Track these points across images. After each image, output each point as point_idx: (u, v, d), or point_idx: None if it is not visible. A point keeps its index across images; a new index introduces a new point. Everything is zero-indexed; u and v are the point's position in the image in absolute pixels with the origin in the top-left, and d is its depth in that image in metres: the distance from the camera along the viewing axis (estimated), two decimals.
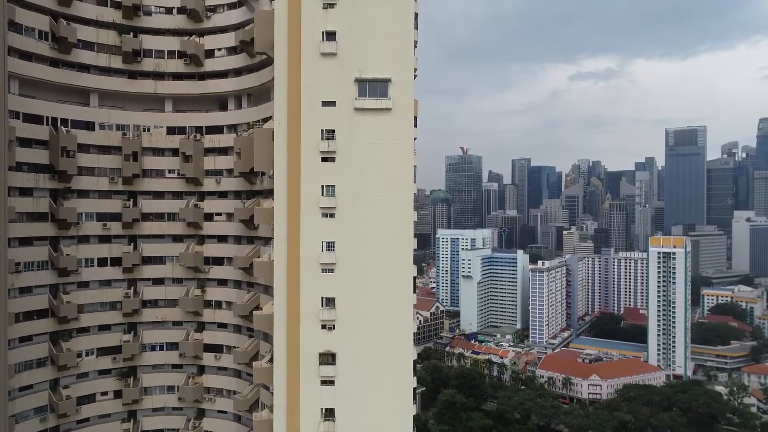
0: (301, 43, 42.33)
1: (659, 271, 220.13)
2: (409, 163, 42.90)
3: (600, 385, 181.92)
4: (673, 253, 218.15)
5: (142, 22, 54.24)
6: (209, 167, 55.65)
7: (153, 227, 55.61)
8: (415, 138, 43.52)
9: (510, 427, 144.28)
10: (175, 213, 55.66)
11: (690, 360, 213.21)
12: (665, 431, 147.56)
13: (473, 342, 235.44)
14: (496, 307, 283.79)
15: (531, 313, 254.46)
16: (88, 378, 53.15)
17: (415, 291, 44.32)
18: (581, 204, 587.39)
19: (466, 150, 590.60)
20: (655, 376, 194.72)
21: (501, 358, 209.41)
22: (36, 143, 49.69)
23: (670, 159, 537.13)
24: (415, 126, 43.30)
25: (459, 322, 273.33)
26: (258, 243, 52.89)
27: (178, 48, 54.44)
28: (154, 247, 55.70)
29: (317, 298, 42.44)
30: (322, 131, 42.25)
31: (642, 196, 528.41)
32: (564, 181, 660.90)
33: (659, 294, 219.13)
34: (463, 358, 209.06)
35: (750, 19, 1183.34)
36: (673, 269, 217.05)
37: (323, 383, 42.53)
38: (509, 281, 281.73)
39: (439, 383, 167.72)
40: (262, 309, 48.08)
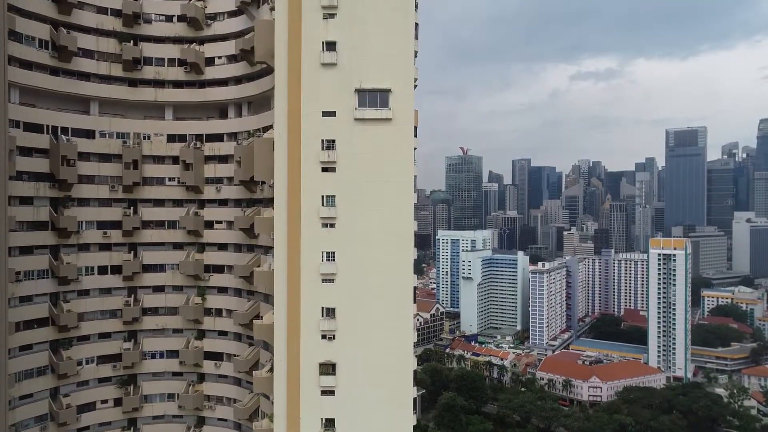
0: (302, 53, 42.31)
1: (659, 273, 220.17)
2: (410, 174, 42.87)
3: (600, 387, 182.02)
4: (674, 255, 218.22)
5: (142, 30, 54.23)
6: (209, 175, 55.68)
7: (153, 235, 55.63)
8: (416, 148, 43.49)
9: (510, 430, 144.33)
10: (176, 221, 55.70)
11: (690, 362, 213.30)
12: None
13: (473, 344, 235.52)
14: (496, 309, 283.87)
15: (531, 315, 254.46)
16: (88, 386, 53.16)
17: (415, 301, 44.28)
18: (581, 204, 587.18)
19: (466, 150, 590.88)
20: (656, 378, 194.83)
21: (501, 359, 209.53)
22: (36, 152, 49.69)
23: (670, 159, 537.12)
24: (416, 136, 43.27)
25: (459, 323, 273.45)
26: (258, 251, 52.92)
27: (178, 56, 54.45)
28: (154, 255, 55.71)
29: (317, 308, 42.44)
30: (322, 141, 42.24)
31: (642, 196, 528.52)
32: (564, 182, 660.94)
33: (659, 296, 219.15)
34: (463, 359, 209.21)
35: (750, 19, 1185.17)
36: (674, 271, 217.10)
37: (323, 393, 42.54)
38: (509, 283, 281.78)
39: (439, 385, 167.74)
40: (262, 318, 48.07)
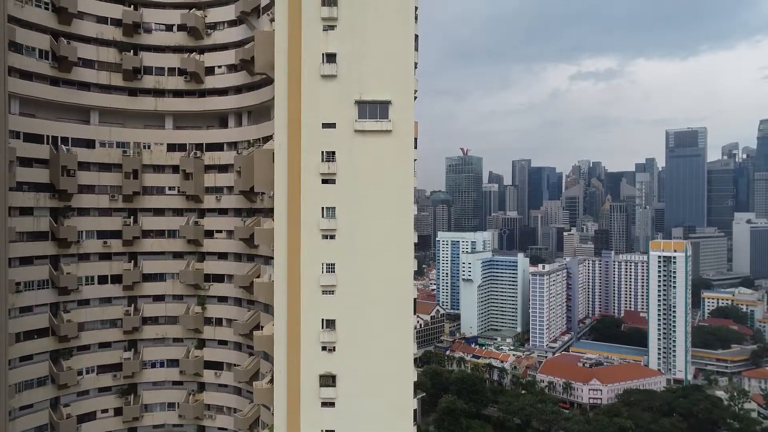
0: (301, 65, 42.36)
1: (660, 275, 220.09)
2: (410, 185, 42.89)
3: (600, 390, 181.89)
4: (674, 257, 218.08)
5: (142, 39, 54.28)
6: (209, 184, 55.71)
7: (153, 244, 55.67)
8: (415, 159, 43.50)
9: None
10: (176, 230, 55.73)
11: (690, 364, 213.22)
12: None
13: (473, 346, 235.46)
14: (496, 311, 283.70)
15: (531, 317, 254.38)
16: (88, 396, 53.21)
17: (415, 312, 44.31)
18: (581, 205, 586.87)
19: (466, 151, 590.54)
20: (656, 380, 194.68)
21: (501, 362, 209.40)
22: (36, 162, 49.76)
23: (670, 160, 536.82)
24: (416, 147, 43.29)
25: (459, 325, 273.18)
26: (258, 261, 52.92)
27: (178, 65, 54.51)
28: (154, 265, 55.75)
29: (317, 319, 42.46)
30: (322, 153, 42.26)
31: (642, 197, 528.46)
32: (564, 182, 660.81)
33: (660, 298, 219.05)
34: (464, 362, 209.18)
35: (751, 19, 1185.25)
36: (674, 273, 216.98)
37: (324, 405, 42.56)
38: (510, 284, 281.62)
39: (440, 388, 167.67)
40: (262, 328, 48.11)
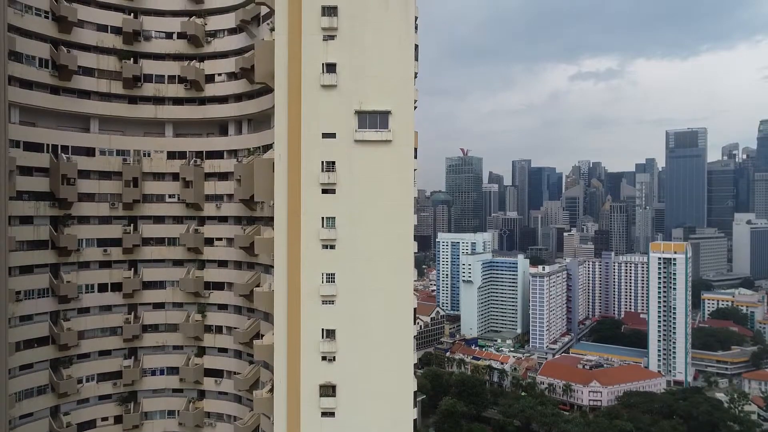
0: (301, 75, 42.30)
1: (660, 277, 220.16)
2: (410, 195, 42.87)
3: (600, 392, 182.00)
4: (674, 259, 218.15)
5: (142, 47, 54.26)
6: (209, 192, 55.68)
7: (153, 252, 55.64)
8: (416, 169, 43.48)
9: None
10: (176, 238, 55.67)
11: (691, 366, 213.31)
12: None
13: (474, 347, 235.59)
14: (496, 312, 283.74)
15: (531, 318, 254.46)
16: (88, 404, 53.16)
17: (416, 322, 44.31)
18: (582, 205, 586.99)
19: (466, 151, 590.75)
20: (656, 382, 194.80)
21: (501, 363, 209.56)
22: (37, 171, 49.70)
23: (670, 161, 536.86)
24: (415, 157, 43.27)
25: (459, 326, 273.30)
26: (258, 269, 52.90)
27: (178, 73, 54.48)
28: (154, 272, 55.72)
29: (317, 329, 42.43)
30: (322, 163, 42.23)
31: (642, 197, 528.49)
32: (564, 183, 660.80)
33: (660, 300, 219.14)
34: (464, 363, 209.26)
35: (751, 19, 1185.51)
36: (674, 275, 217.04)
37: (324, 415, 42.52)
38: (510, 286, 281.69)
39: (440, 390, 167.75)
40: (262, 337, 48.11)
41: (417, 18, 43.24)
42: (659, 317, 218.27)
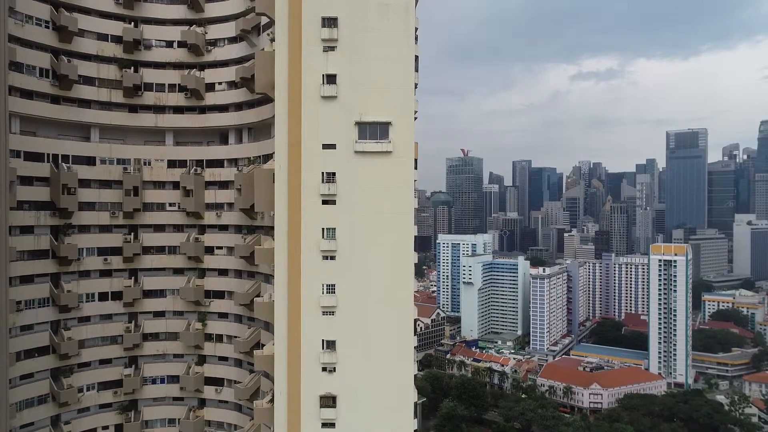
0: (302, 86, 42.27)
1: (660, 279, 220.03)
2: (410, 206, 42.85)
3: (601, 394, 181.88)
4: (674, 261, 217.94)
5: (142, 56, 54.33)
6: (210, 201, 55.73)
7: (154, 261, 55.70)
8: (416, 180, 43.48)
9: None
10: (176, 246, 55.74)
11: (691, 368, 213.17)
12: None
13: (474, 349, 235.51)
14: (497, 314, 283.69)
15: (532, 320, 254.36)
16: (89, 413, 53.25)
17: (416, 333, 44.33)
18: (582, 206, 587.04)
19: (466, 152, 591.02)
20: (656, 384, 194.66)
21: (502, 365, 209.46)
22: (37, 181, 49.80)
23: (670, 161, 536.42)
24: (416, 168, 43.27)
25: (460, 328, 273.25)
26: (259, 278, 52.92)
27: (178, 82, 54.57)
28: (154, 281, 55.79)
29: (318, 340, 42.42)
30: (322, 174, 42.21)
31: (643, 198, 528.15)
32: (565, 183, 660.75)
33: (660, 302, 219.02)
34: (464, 365, 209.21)
35: (752, 19, 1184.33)
36: (674, 277, 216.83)
37: (324, 426, 42.51)
38: (510, 287, 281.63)
39: (440, 393, 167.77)
40: (263, 346, 48.13)
41: (417, 29, 43.25)
42: (660, 319, 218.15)
